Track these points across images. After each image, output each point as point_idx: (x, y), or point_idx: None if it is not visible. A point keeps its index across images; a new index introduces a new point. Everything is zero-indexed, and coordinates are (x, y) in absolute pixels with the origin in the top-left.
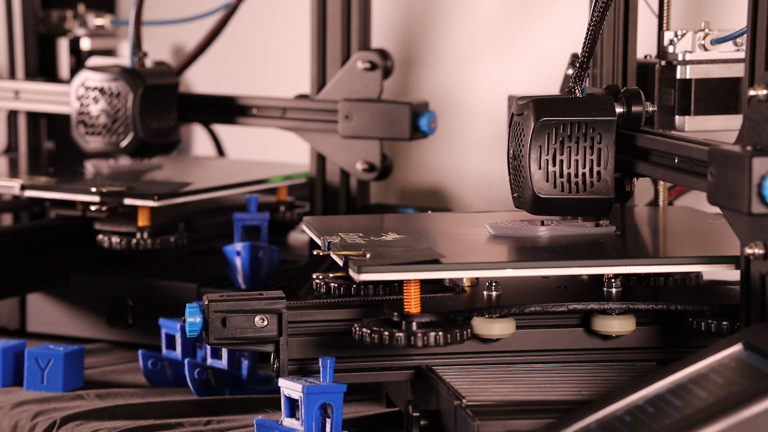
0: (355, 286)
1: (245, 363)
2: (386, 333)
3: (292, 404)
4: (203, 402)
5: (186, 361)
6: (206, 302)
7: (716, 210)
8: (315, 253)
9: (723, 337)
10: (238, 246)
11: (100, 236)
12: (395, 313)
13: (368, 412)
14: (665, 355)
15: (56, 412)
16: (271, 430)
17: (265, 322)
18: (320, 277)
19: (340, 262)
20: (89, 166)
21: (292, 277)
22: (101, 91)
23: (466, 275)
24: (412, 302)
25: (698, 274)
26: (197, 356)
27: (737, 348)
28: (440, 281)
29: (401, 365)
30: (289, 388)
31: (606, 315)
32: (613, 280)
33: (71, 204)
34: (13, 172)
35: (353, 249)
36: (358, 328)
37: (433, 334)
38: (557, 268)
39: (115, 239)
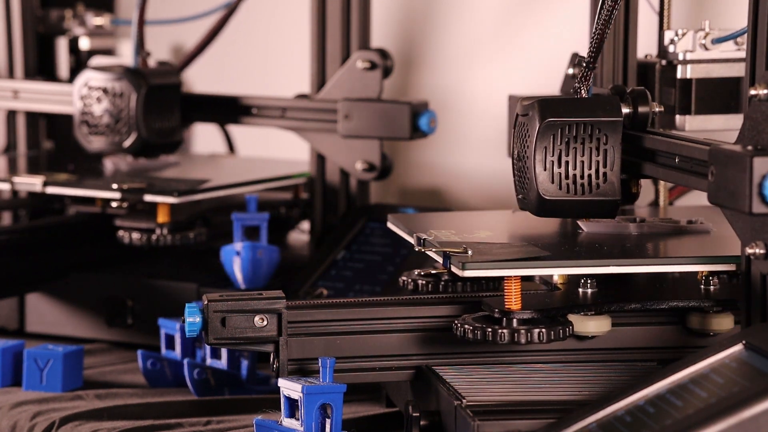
0: (442, 282)
1: (245, 363)
2: (489, 330)
3: (292, 404)
4: (203, 402)
5: (185, 361)
6: (206, 302)
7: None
8: (417, 249)
9: None
10: (238, 246)
11: (121, 232)
12: (496, 310)
13: (368, 412)
14: None
15: (55, 412)
16: (271, 430)
17: (265, 322)
18: (411, 274)
19: (439, 259)
20: (108, 163)
21: (292, 277)
22: (105, 91)
23: (569, 272)
24: (513, 299)
25: None
26: (197, 356)
27: (738, 348)
28: (531, 279)
29: (401, 365)
30: (289, 388)
31: (703, 313)
32: (710, 278)
33: (90, 201)
34: (12, 172)
35: (453, 246)
36: (459, 325)
37: (536, 331)
38: (657, 265)
39: (135, 235)
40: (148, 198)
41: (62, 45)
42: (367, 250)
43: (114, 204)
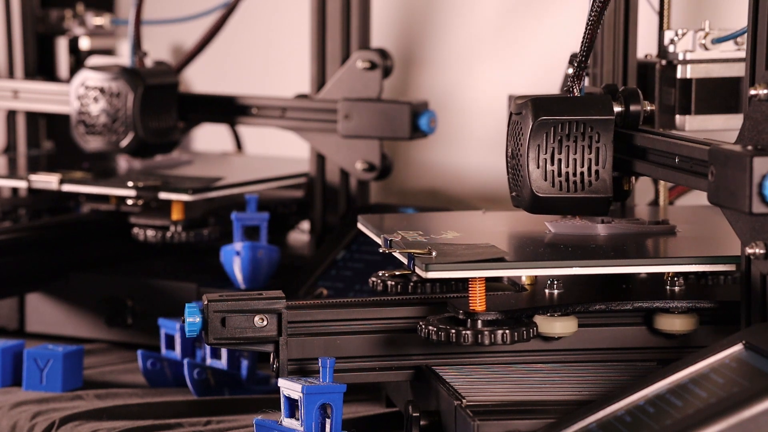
0: (412, 284)
1: (245, 363)
2: (453, 331)
3: (292, 404)
4: (202, 402)
5: (185, 361)
6: (206, 302)
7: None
8: (381, 251)
9: None
10: (238, 246)
11: (136, 229)
12: (461, 311)
13: (368, 412)
14: None
15: (55, 412)
16: (271, 430)
17: (265, 322)
18: (379, 274)
19: (404, 260)
20: (122, 162)
21: (292, 277)
22: (101, 90)
23: (532, 273)
24: (478, 300)
25: None
26: (196, 356)
27: (738, 348)
28: (499, 279)
29: (401, 365)
30: (289, 388)
31: (669, 314)
32: (676, 279)
33: (104, 199)
34: (12, 172)
35: (418, 247)
36: (423, 326)
37: (500, 332)
38: (622, 266)
39: (150, 232)
40: (163, 195)
41: (62, 45)
42: (367, 250)
43: (129, 202)
